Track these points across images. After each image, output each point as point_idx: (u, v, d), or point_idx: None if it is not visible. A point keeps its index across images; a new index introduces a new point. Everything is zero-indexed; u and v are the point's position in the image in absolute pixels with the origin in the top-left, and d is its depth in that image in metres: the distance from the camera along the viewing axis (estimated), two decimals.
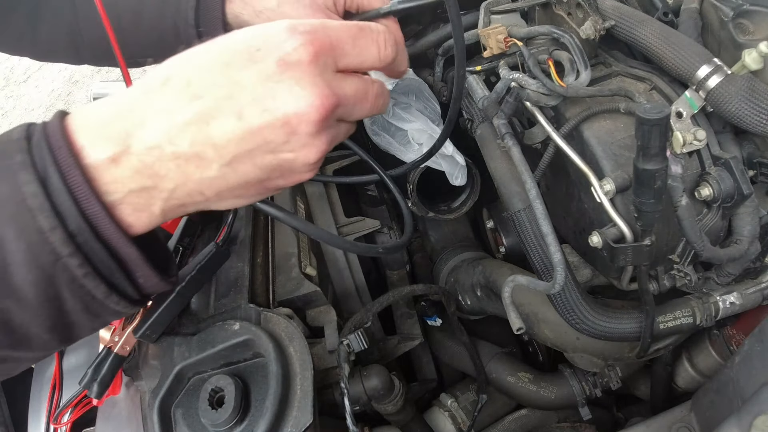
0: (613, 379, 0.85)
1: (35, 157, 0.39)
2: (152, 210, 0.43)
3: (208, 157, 0.41)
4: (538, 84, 0.65)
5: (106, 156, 0.40)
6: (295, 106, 0.41)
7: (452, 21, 0.52)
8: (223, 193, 0.44)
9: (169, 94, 0.41)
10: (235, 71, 0.41)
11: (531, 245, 0.67)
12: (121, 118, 0.41)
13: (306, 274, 0.83)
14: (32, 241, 0.39)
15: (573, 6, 0.68)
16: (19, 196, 0.39)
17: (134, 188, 0.41)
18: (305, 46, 0.41)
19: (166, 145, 0.40)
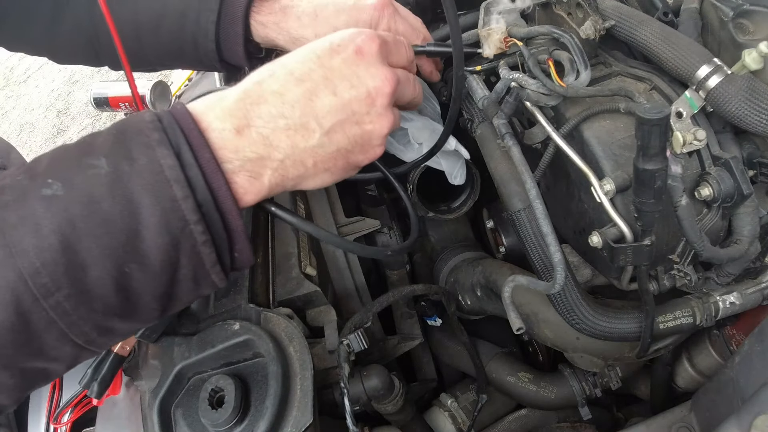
0: (613, 379, 0.85)
1: (170, 136, 0.45)
2: (263, 179, 0.50)
3: (311, 127, 0.50)
4: (538, 84, 0.65)
5: (232, 127, 0.48)
6: (372, 82, 0.52)
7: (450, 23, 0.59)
8: (318, 164, 0.53)
9: (277, 81, 0.51)
10: (326, 60, 0.52)
11: (531, 245, 0.67)
12: (241, 100, 0.49)
13: (306, 274, 0.83)
14: (166, 208, 0.44)
15: (573, 6, 0.68)
16: (158, 168, 0.44)
17: (251, 156, 0.49)
18: (372, 39, 0.54)
19: (279, 119, 0.49)
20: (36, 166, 0.46)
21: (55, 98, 4.52)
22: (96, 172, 0.44)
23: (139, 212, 0.44)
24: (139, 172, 0.44)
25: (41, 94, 4.60)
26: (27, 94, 4.68)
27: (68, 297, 0.43)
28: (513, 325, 0.66)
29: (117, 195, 0.44)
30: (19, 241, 0.42)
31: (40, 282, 0.42)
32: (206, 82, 1.40)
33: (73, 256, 0.43)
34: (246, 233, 0.50)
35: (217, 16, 0.79)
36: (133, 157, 0.44)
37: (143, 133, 0.45)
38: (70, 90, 4.49)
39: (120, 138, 0.46)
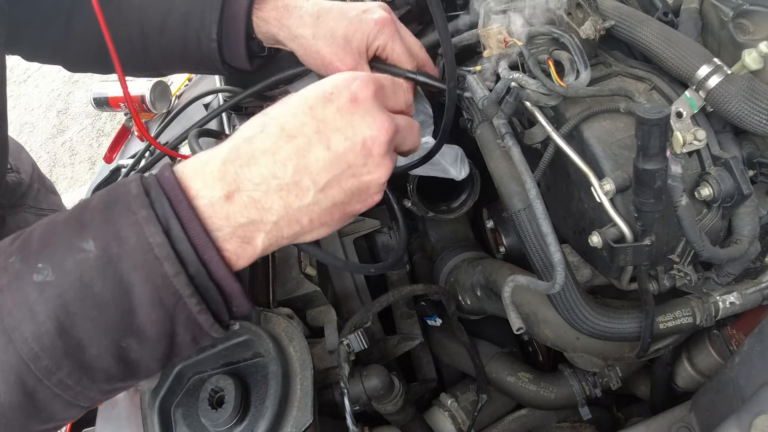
0: (613, 379, 0.85)
1: (158, 211, 0.45)
2: (255, 243, 0.49)
3: (305, 185, 0.48)
4: (538, 84, 0.65)
5: (222, 194, 0.47)
6: (369, 131, 0.49)
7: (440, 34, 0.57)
8: (314, 220, 0.51)
9: (267, 138, 0.48)
10: (318, 111, 0.49)
11: (531, 245, 0.67)
12: (230, 162, 0.47)
13: (306, 274, 0.83)
14: (158, 285, 0.44)
15: (573, 6, 0.68)
16: (147, 247, 0.44)
17: (243, 222, 0.47)
18: (367, 85, 0.51)
19: (271, 180, 0.47)
20: (28, 243, 0.46)
21: (55, 98, 4.52)
22: (85, 256, 0.44)
23: (131, 291, 0.44)
24: (128, 252, 0.44)
25: (41, 94, 4.60)
26: (27, 94, 4.68)
27: (70, 374, 0.45)
28: (513, 325, 0.66)
29: (108, 277, 0.44)
30: (17, 327, 0.44)
31: (42, 365, 0.44)
32: (206, 82, 1.40)
33: (70, 338, 0.44)
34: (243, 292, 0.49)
35: (219, 14, 0.80)
36: (121, 237, 0.44)
37: (131, 209, 0.45)
38: (70, 90, 4.49)
39: (108, 215, 0.45)
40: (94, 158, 3.97)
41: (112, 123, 4.09)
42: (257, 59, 0.86)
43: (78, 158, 4.07)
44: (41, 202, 1.34)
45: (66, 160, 4.10)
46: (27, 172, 1.34)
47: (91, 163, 3.98)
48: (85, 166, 3.99)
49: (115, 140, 1.55)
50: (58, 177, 3.95)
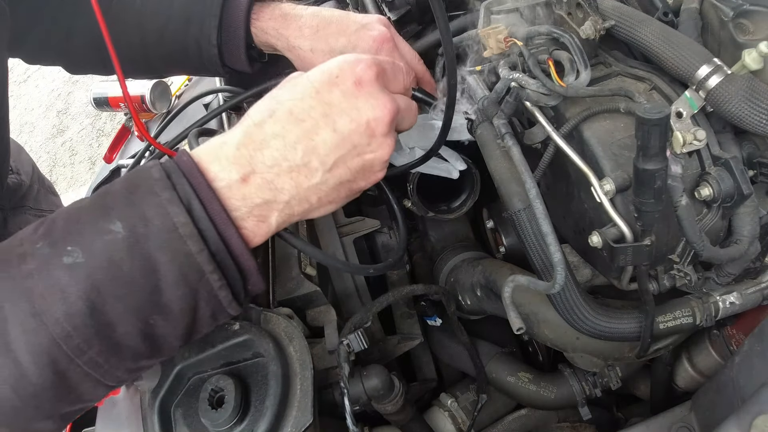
0: (613, 379, 0.85)
1: (180, 193, 0.47)
2: (270, 221, 0.52)
3: (314, 166, 0.51)
4: (538, 84, 0.65)
5: (238, 177, 0.49)
6: (372, 113, 0.52)
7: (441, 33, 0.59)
8: (322, 198, 0.54)
9: (277, 122, 0.51)
10: (325, 94, 0.51)
11: (531, 245, 0.67)
12: (243, 146, 0.50)
13: (306, 274, 0.83)
14: (182, 263, 0.47)
15: (573, 6, 0.68)
16: (171, 226, 0.46)
17: (258, 202, 0.50)
18: (370, 67, 0.53)
19: (282, 162, 0.50)
20: (52, 229, 0.48)
21: (55, 98, 4.52)
22: (113, 237, 0.46)
23: (157, 270, 0.47)
24: (154, 233, 0.46)
25: (41, 94, 4.61)
26: (27, 94, 4.69)
27: (100, 353, 0.47)
28: (513, 325, 0.66)
29: (136, 257, 0.46)
30: (49, 309, 0.45)
31: (73, 344, 0.46)
32: (206, 82, 1.40)
33: (101, 317, 0.46)
34: (258, 269, 0.52)
35: (218, 21, 0.80)
36: (147, 217, 0.46)
37: (154, 192, 0.47)
38: (70, 90, 4.49)
39: (131, 199, 0.47)
40: (94, 158, 3.98)
41: (112, 123, 4.09)
42: (258, 63, 0.86)
43: (78, 158, 4.07)
44: (41, 203, 1.34)
45: (66, 160, 4.10)
46: (27, 173, 1.34)
47: (91, 163, 3.98)
48: (85, 166, 3.99)
49: (115, 140, 1.55)
50: (58, 177, 3.95)
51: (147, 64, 0.87)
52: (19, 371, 0.46)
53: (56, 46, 0.92)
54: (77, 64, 0.97)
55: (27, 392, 0.47)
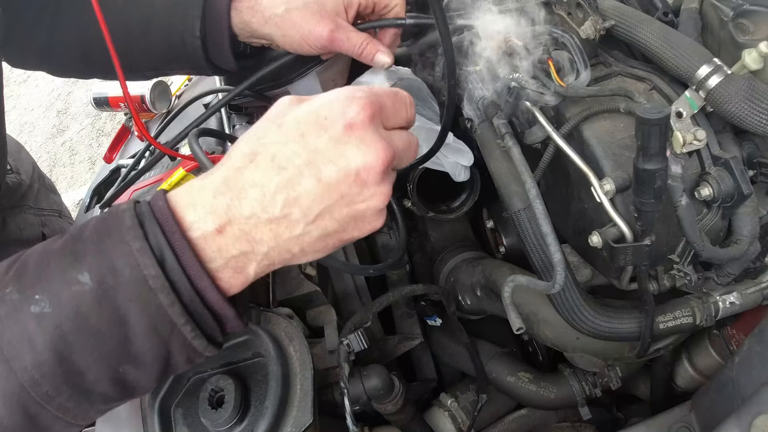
0: (613, 379, 0.85)
1: (151, 242, 0.45)
2: (247, 272, 0.50)
3: (295, 218, 0.48)
4: (538, 84, 0.65)
5: (214, 228, 0.47)
6: (363, 160, 0.47)
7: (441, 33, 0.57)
8: (306, 249, 0.51)
9: (257, 169, 0.47)
10: (311, 139, 0.47)
11: (531, 245, 0.67)
12: (221, 194, 0.47)
13: (306, 274, 0.83)
14: (152, 315, 0.45)
15: (573, 6, 0.68)
16: (142, 279, 0.45)
17: (235, 254, 0.48)
18: (364, 109, 0.48)
19: (261, 213, 0.47)
20: (23, 273, 0.47)
21: (55, 98, 4.52)
22: (81, 289, 0.45)
23: (127, 321, 0.45)
24: (123, 284, 0.45)
25: (41, 94, 4.60)
26: (27, 94, 4.69)
27: (69, 398, 0.47)
28: (513, 325, 0.66)
29: (104, 308, 0.45)
30: (17, 356, 0.45)
31: (42, 391, 0.46)
32: (206, 82, 1.40)
33: (69, 366, 0.46)
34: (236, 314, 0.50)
35: (202, 11, 0.79)
36: (116, 268, 0.45)
37: (125, 241, 0.45)
38: (70, 90, 4.49)
39: (102, 247, 0.46)
40: (94, 158, 3.97)
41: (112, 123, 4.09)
42: (243, 59, 0.86)
43: (78, 158, 4.07)
44: (41, 202, 1.34)
45: (66, 160, 4.10)
46: (27, 172, 1.33)
47: (91, 163, 3.98)
48: (85, 166, 3.99)
49: (115, 140, 1.55)
50: (58, 177, 3.95)
51: (133, 63, 0.85)
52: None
53: (39, 48, 0.91)
54: (60, 66, 0.96)
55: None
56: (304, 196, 0.47)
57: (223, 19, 0.79)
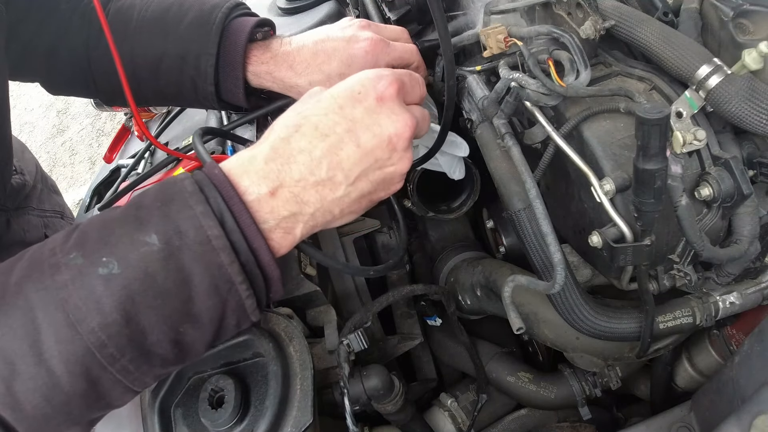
0: (613, 379, 0.85)
1: (213, 206, 0.49)
2: (295, 232, 0.54)
3: (338, 180, 0.54)
4: (538, 84, 0.65)
5: (267, 191, 0.52)
6: (394, 128, 0.55)
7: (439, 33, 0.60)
8: (344, 209, 0.56)
9: (303, 137, 0.53)
10: (348, 110, 0.54)
11: (531, 245, 0.67)
12: (271, 160, 0.53)
13: (306, 274, 0.83)
14: (214, 274, 0.49)
15: (573, 6, 0.68)
16: (205, 239, 0.48)
17: (286, 215, 0.52)
18: (392, 84, 0.56)
19: (309, 176, 0.52)
20: (85, 240, 0.49)
21: (54, 98, 4.52)
22: (149, 249, 0.48)
23: (191, 281, 0.48)
24: (188, 245, 0.48)
25: (41, 94, 4.60)
26: (27, 93, 4.69)
27: (131, 360, 0.49)
28: (513, 325, 0.66)
29: (171, 268, 0.48)
30: (84, 319, 0.47)
31: (107, 353, 0.47)
32: None
33: (135, 326, 0.48)
34: (281, 278, 0.54)
35: (215, 60, 0.80)
36: (181, 230, 0.48)
37: (189, 205, 0.49)
38: None
39: (166, 212, 0.49)
40: (94, 158, 3.98)
41: (112, 123, 4.09)
42: (256, 99, 0.87)
43: (78, 158, 4.07)
44: (44, 203, 1.34)
45: (66, 159, 4.11)
46: (31, 173, 1.33)
47: (91, 163, 3.98)
48: (85, 166, 3.99)
49: (114, 140, 1.55)
50: (58, 177, 3.95)
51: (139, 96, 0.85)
52: (53, 380, 0.47)
53: (38, 63, 0.91)
54: (58, 84, 0.96)
55: (59, 400, 0.48)
56: (346, 160, 0.53)
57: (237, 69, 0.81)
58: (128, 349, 0.48)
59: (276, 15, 1.28)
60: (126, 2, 0.87)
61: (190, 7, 0.84)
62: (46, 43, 0.88)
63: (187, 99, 0.87)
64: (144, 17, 0.84)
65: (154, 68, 0.84)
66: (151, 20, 0.84)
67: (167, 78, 0.84)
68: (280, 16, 1.26)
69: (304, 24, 1.16)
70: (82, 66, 0.88)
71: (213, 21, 0.80)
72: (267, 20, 0.84)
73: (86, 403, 0.50)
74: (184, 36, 0.82)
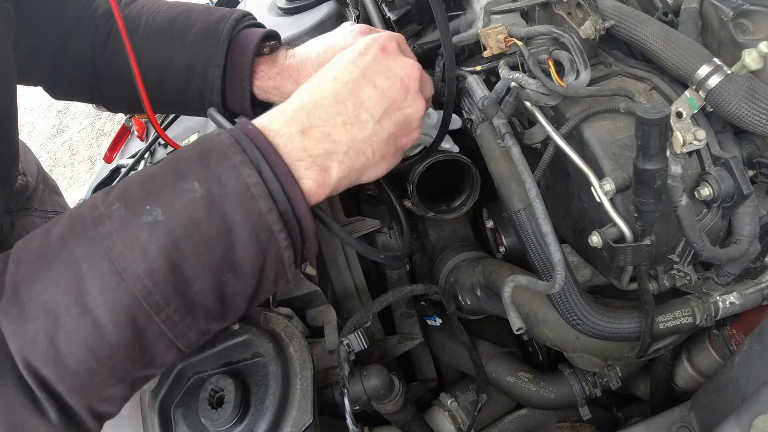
0: (613, 379, 0.85)
1: (250, 156, 0.50)
2: (331, 172, 0.56)
3: (364, 118, 0.57)
4: (538, 84, 0.65)
5: (298, 130, 0.54)
6: (402, 70, 0.60)
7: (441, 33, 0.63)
8: (376, 152, 0.59)
9: (326, 87, 0.57)
10: (359, 62, 0.59)
11: (531, 245, 0.67)
12: (299, 107, 0.56)
13: (306, 274, 0.83)
14: (255, 222, 0.49)
15: (573, 6, 0.68)
16: (245, 187, 0.49)
17: (320, 152, 0.55)
18: (390, 38, 0.62)
19: (337, 117, 0.56)
20: (127, 193, 0.50)
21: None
22: (192, 197, 0.48)
23: (232, 228, 0.49)
24: (229, 193, 0.49)
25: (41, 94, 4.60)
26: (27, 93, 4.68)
27: (177, 310, 0.49)
28: (513, 325, 0.66)
29: (213, 215, 0.48)
30: (130, 267, 0.46)
31: (153, 300, 0.47)
32: None
33: (180, 273, 0.48)
34: (315, 231, 0.55)
35: (222, 72, 0.80)
36: (222, 179, 0.49)
37: (227, 156, 0.50)
38: None
39: (205, 163, 0.50)
40: (94, 158, 3.98)
41: (112, 123, 4.09)
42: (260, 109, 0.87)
43: (78, 158, 4.07)
44: (46, 204, 1.33)
45: (66, 159, 4.10)
46: (33, 174, 1.33)
47: (91, 162, 3.98)
48: (85, 166, 3.99)
49: (114, 140, 1.55)
50: (58, 177, 3.95)
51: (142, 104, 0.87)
52: (98, 331, 0.46)
53: (43, 69, 0.91)
54: (61, 88, 0.96)
55: (104, 353, 0.47)
56: (368, 100, 0.57)
57: (244, 80, 0.81)
58: (174, 298, 0.48)
59: (276, 15, 1.27)
60: (133, 11, 0.87)
61: (198, 17, 0.84)
62: (51, 48, 0.88)
63: (193, 108, 0.87)
64: (151, 26, 0.84)
65: (160, 77, 0.84)
66: (158, 30, 0.84)
67: (174, 87, 0.84)
68: (280, 16, 1.26)
69: (304, 24, 1.16)
70: (86, 72, 0.88)
71: (220, 32, 0.80)
72: (273, 32, 0.84)
73: (131, 356, 0.49)
74: (192, 46, 0.82)
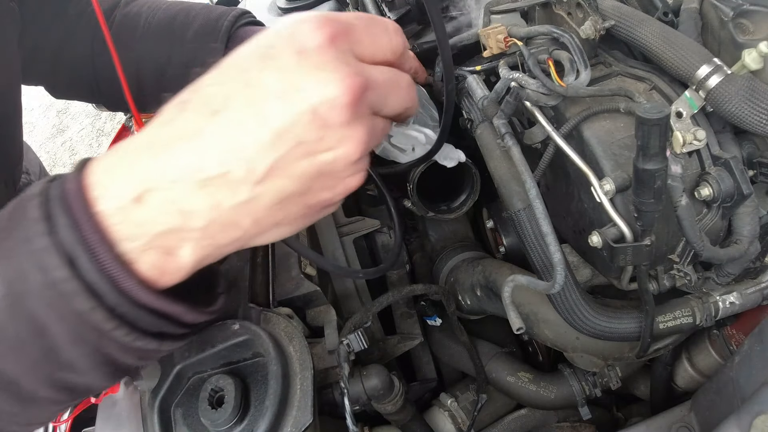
0: (613, 379, 0.85)
1: (60, 236, 0.37)
2: (180, 255, 0.40)
3: (236, 176, 0.37)
4: (538, 84, 0.65)
5: (132, 196, 0.37)
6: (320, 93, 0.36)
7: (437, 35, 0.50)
8: (261, 221, 0.40)
9: (187, 118, 0.38)
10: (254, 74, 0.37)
11: (531, 245, 0.67)
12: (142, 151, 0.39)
13: (306, 274, 0.83)
14: (73, 323, 0.38)
15: (573, 6, 0.68)
16: (51, 283, 0.37)
17: (161, 230, 0.38)
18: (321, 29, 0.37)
19: (190, 174, 0.37)
20: None
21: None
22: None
23: (46, 329, 0.39)
24: (33, 289, 0.38)
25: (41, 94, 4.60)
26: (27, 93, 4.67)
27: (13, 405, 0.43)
28: (513, 325, 0.66)
29: (20, 317, 0.39)
30: None
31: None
32: None
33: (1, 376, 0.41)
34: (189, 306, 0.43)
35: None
36: (23, 271, 0.38)
37: (28, 238, 0.38)
38: None
39: (7, 246, 0.39)
40: None
41: (112, 123, 4.09)
42: None
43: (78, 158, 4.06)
44: None
45: (66, 160, 4.10)
46: (35, 173, 1.33)
47: None
48: None
49: (114, 140, 1.55)
50: None
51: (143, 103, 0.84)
52: None
53: (43, 68, 0.90)
54: (62, 87, 0.95)
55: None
56: (246, 146, 0.36)
57: None
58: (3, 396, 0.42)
59: (276, 15, 1.28)
60: (133, 9, 0.87)
61: (197, 15, 0.83)
62: (52, 47, 0.88)
63: None
64: (150, 24, 0.84)
65: (159, 75, 0.83)
66: (157, 27, 0.84)
67: (172, 85, 0.83)
68: (280, 16, 1.26)
69: None
70: (87, 71, 0.88)
71: (219, 29, 0.79)
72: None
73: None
74: (191, 44, 0.81)
